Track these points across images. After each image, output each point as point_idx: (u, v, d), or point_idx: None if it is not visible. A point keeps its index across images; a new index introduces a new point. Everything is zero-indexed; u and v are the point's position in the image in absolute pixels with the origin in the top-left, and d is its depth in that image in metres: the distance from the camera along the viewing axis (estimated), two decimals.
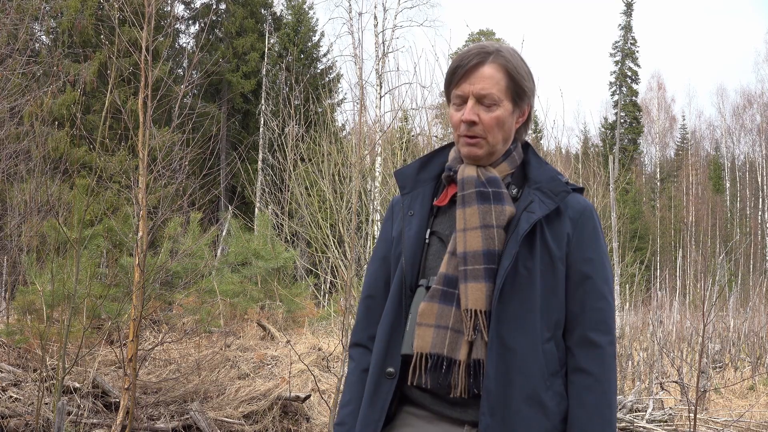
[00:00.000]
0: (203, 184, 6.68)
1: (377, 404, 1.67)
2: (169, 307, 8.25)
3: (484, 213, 1.64)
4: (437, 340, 1.61)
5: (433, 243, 1.73)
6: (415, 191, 1.79)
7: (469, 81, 1.68)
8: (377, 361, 1.70)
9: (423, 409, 1.67)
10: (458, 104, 1.71)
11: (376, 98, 19.13)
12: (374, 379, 1.69)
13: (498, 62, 1.69)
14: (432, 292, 1.64)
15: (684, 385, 7.08)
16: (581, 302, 1.67)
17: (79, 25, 18.41)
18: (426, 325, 1.62)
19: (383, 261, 1.81)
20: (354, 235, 5.61)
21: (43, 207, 7.20)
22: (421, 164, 1.83)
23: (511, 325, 1.59)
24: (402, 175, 1.83)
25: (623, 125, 41.38)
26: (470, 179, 1.69)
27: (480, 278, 1.60)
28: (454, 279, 1.64)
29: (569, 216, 1.69)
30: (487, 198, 1.66)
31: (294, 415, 6.02)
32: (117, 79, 5.28)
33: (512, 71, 1.70)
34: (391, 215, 1.85)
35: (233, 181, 23.21)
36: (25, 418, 5.10)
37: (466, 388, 1.59)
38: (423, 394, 1.66)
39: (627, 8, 41.82)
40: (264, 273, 10.24)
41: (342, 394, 1.82)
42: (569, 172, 9.67)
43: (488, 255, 1.62)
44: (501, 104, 1.69)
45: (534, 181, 1.72)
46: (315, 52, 28.55)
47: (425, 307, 1.63)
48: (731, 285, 20.13)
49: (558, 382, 1.64)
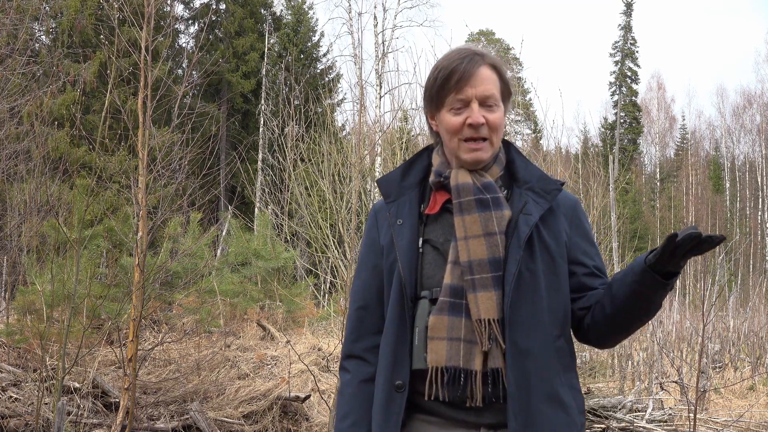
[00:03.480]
0: (203, 184, 6.67)
1: (391, 418, 1.65)
2: (169, 307, 8.24)
3: (485, 220, 1.64)
4: (452, 352, 1.60)
5: (427, 252, 1.70)
6: (401, 199, 1.77)
7: (471, 84, 1.67)
8: (386, 375, 1.67)
9: (435, 416, 1.66)
10: (458, 108, 1.69)
11: (376, 98, 19.15)
12: (385, 394, 1.67)
13: (490, 63, 1.71)
14: (440, 304, 1.63)
15: (684, 385, 7.09)
16: (581, 264, 1.73)
17: (79, 25, 18.40)
18: (438, 339, 1.61)
19: (374, 270, 1.77)
20: (354, 235, 5.60)
21: (43, 207, 7.20)
22: (403, 171, 1.81)
23: (523, 330, 1.60)
24: (386, 182, 1.80)
25: (623, 125, 41.38)
26: (466, 186, 1.68)
27: (489, 287, 1.60)
28: (460, 289, 1.63)
29: (563, 212, 1.71)
30: (487, 205, 1.66)
31: (294, 415, 6.02)
32: (117, 79, 5.28)
33: (502, 72, 1.72)
34: (375, 222, 1.81)
35: (233, 181, 23.19)
36: (25, 418, 5.10)
37: (483, 397, 1.60)
38: (436, 403, 1.64)
39: (627, 8, 41.83)
40: (264, 273, 10.24)
41: (338, 407, 1.79)
42: (569, 172, 9.66)
43: (494, 262, 1.62)
44: (500, 105, 1.70)
45: (523, 181, 1.73)
46: (315, 52, 28.55)
47: (435, 320, 1.62)
48: (731, 285, 20.12)
49: (571, 375, 1.67)
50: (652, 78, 53.19)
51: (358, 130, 7.14)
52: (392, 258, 1.71)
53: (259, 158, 23.95)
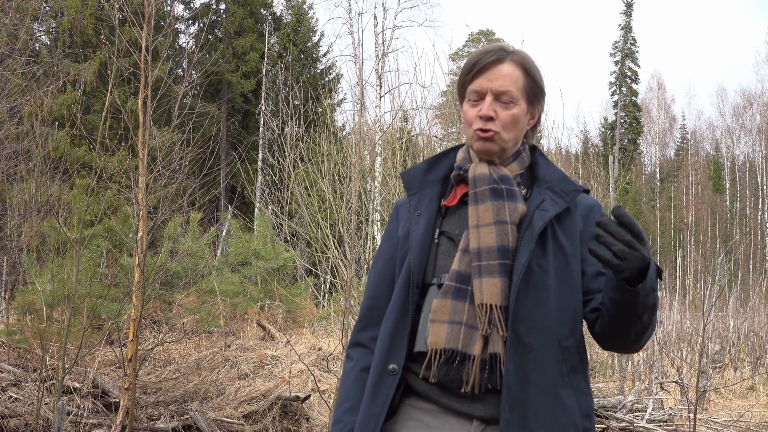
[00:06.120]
0: (203, 184, 6.67)
1: (378, 399, 1.66)
2: (169, 307, 8.24)
3: (498, 209, 1.64)
4: (451, 335, 1.60)
5: (443, 243, 1.72)
6: (422, 192, 1.79)
7: (487, 77, 1.68)
8: (380, 358, 1.69)
9: (429, 402, 1.66)
10: (474, 100, 1.70)
11: (376, 98, 19.14)
12: (376, 376, 1.68)
13: (517, 61, 1.71)
14: (445, 288, 1.64)
15: (684, 385, 7.08)
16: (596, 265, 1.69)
17: (79, 25, 18.40)
18: (440, 322, 1.62)
19: (388, 262, 1.79)
20: (354, 235, 5.61)
21: (43, 207, 7.19)
22: (428, 165, 1.83)
23: (526, 323, 1.59)
24: (409, 175, 1.83)
25: (623, 125, 41.35)
26: (483, 177, 1.69)
27: (495, 273, 1.60)
28: (467, 275, 1.63)
29: (579, 213, 1.70)
30: (501, 195, 1.66)
31: (294, 415, 6.02)
32: (117, 79, 5.28)
33: (531, 71, 1.72)
34: (396, 216, 1.84)
35: (233, 181, 23.18)
36: (25, 418, 5.10)
37: (479, 383, 1.59)
38: (432, 387, 1.64)
39: (627, 8, 41.80)
40: (264, 273, 10.24)
41: (339, 392, 1.81)
42: (569, 172, 9.66)
43: (502, 250, 1.62)
44: (518, 103, 1.70)
45: (544, 180, 1.73)
46: (315, 52, 28.53)
47: (438, 303, 1.63)
48: (731, 285, 20.12)
49: (577, 378, 1.64)
50: (652, 78, 53.18)
51: (358, 130, 7.14)
52: (406, 247, 1.73)
53: (259, 158, 23.94)
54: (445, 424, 1.64)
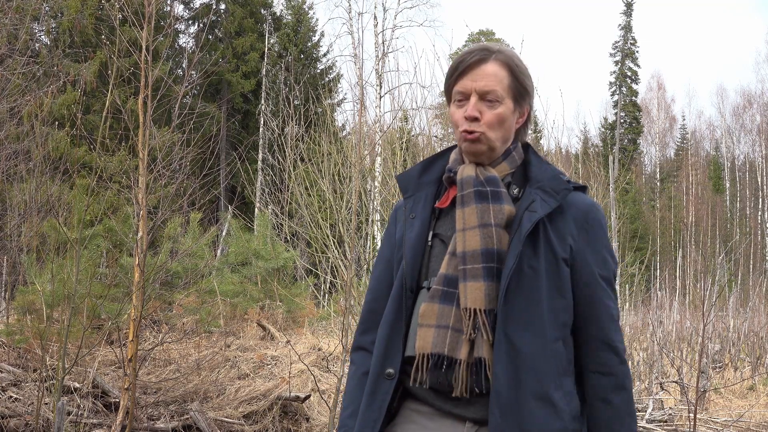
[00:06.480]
0: (203, 184, 6.67)
1: (375, 404, 1.67)
2: (169, 307, 8.25)
3: (482, 212, 1.64)
4: (438, 339, 1.60)
5: (436, 245, 1.72)
6: (418, 194, 1.79)
7: (471, 78, 1.68)
8: (377, 362, 1.70)
9: (426, 405, 1.66)
10: (460, 101, 1.70)
11: (376, 98, 19.15)
12: (373, 380, 1.69)
13: (501, 60, 1.70)
14: (432, 292, 1.64)
15: (684, 385, 7.08)
16: (592, 302, 1.66)
17: (79, 25, 18.40)
18: (427, 326, 1.63)
19: (387, 265, 1.81)
20: (354, 235, 5.61)
21: (43, 207, 7.20)
22: (423, 167, 1.82)
23: (517, 325, 1.58)
24: (404, 178, 1.83)
25: (623, 125, 41.36)
26: (468, 179, 1.68)
27: (479, 277, 1.60)
28: (454, 279, 1.63)
29: (572, 216, 1.68)
30: (485, 197, 1.65)
31: (294, 415, 6.02)
32: (117, 79, 5.27)
33: (515, 69, 1.71)
34: (395, 219, 1.84)
35: (233, 181, 23.19)
36: (25, 418, 5.11)
37: (467, 387, 1.59)
38: (426, 390, 1.65)
39: (627, 8, 41.81)
40: (264, 273, 10.24)
41: (343, 398, 1.82)
42: (569, 172, 9.66)
43: (486, 254, 1.61)
44: (503, 102, 1.69)
45: (535, 180, 1.71)
46: (315, 52, 28.53)
47: (426, 308, 1.64)
48: (731, 285, 20.13)
49: (568, 381, 1.63)
50: (652, 78, 53.19)
51: (358, 130, 7.14)
52: (401, 251, 1.74)
53: (259, 158, 23.94)
54: (440, 426, 1.64)
